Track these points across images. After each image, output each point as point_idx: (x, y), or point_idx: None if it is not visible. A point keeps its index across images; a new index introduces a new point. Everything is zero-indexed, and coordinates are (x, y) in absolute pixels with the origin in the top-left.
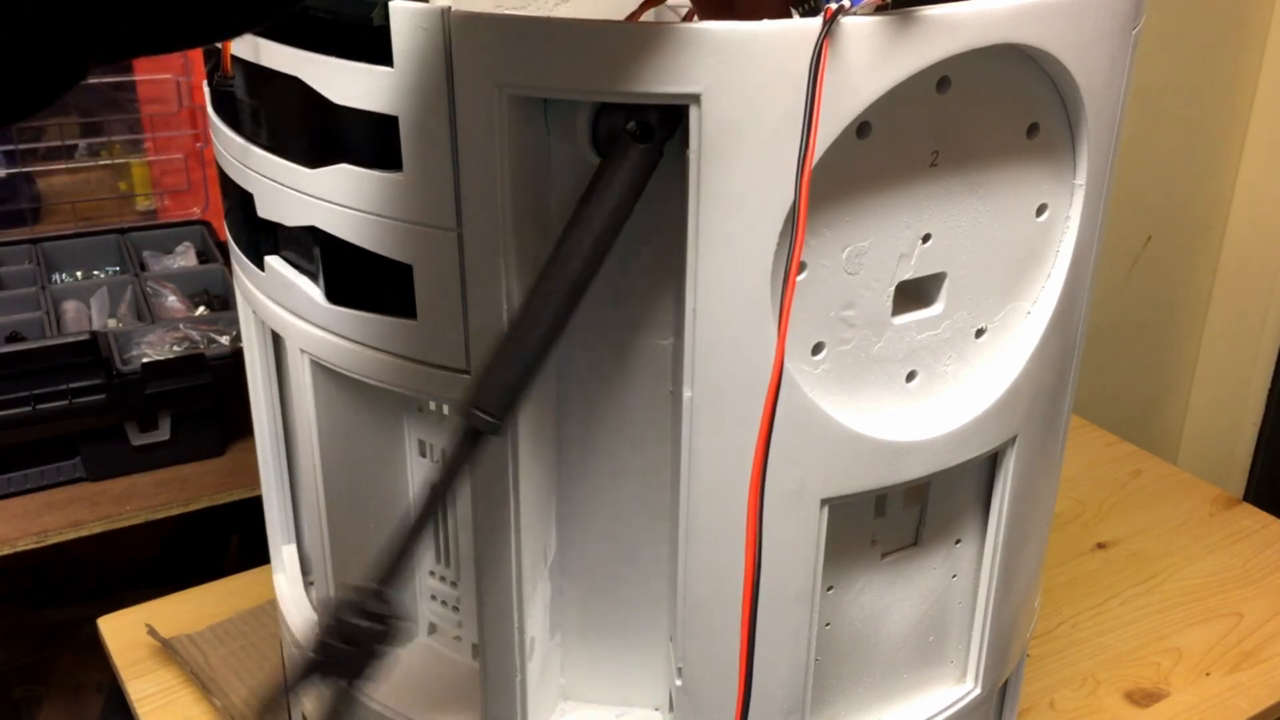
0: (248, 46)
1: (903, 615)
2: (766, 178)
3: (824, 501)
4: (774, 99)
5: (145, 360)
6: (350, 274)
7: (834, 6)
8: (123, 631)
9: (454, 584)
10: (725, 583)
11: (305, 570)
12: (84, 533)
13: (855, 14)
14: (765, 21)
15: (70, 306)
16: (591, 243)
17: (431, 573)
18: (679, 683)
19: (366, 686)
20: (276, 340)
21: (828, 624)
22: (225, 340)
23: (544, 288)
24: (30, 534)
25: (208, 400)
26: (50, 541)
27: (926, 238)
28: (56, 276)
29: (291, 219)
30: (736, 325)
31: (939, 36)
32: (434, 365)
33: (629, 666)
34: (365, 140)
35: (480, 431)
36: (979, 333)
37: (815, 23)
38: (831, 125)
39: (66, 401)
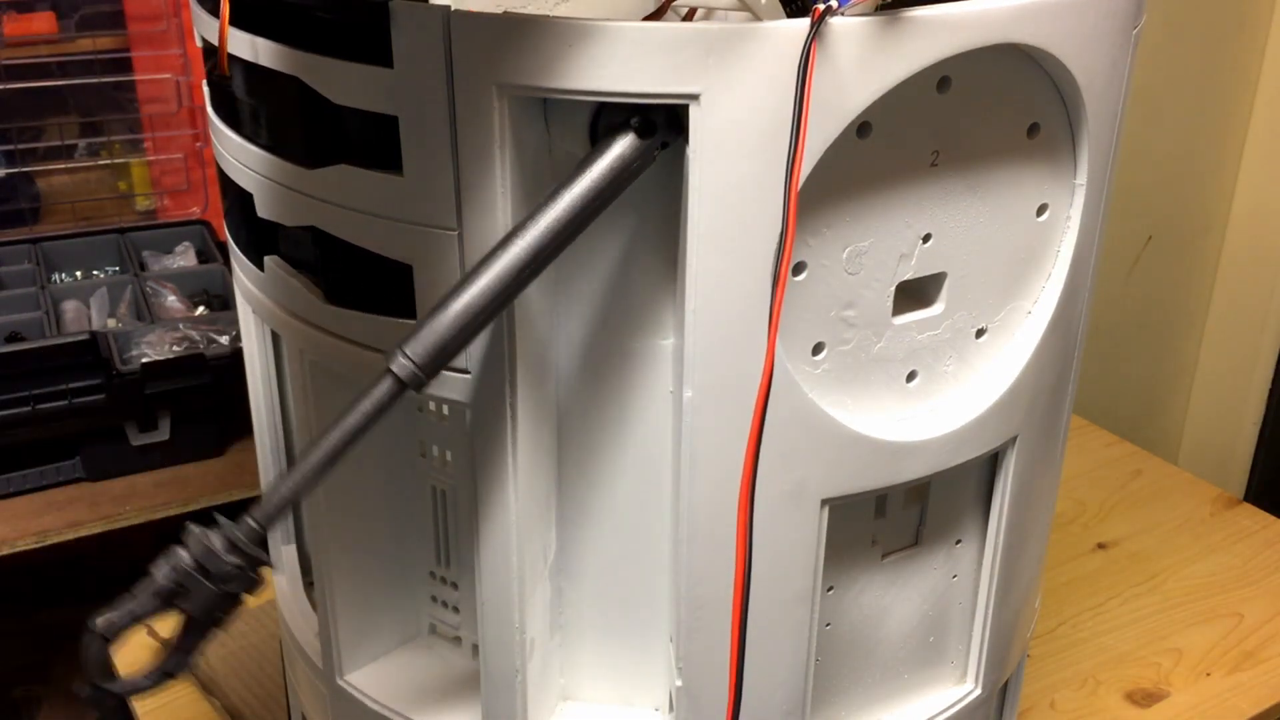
0: (248, 46)
1: (903, 615)
2: (765, 177)
3: (824, 502)
4: (773, 98)
5: (145, 360)
6: (350, 274)
7: (821, 7)
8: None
9: (454, 584)
10: (725, 583)
11: (305, 570)
12: (84, 533)
13: (843, 14)
14: (765, 21)
15: (70, 306)
16: (558, 218)
17: (431, 573)
18: (679, 683)
19: (210, 627)
20: (276, 340)
21: (828, 624)
22: (225, 340)
23: (500, 252)
24: (30, 534)
25: (207, 400)
26: (50, 542)
27: (927, 238)
28: (56, 276)
29: (291, 219)
30: (736, 325)
31: (938, 36)
32: None
33: (629, 666)
34: (365, 140)
35: (405, 384)
36: (979, 333)
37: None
38: (831, 125)
39: (66, 401)
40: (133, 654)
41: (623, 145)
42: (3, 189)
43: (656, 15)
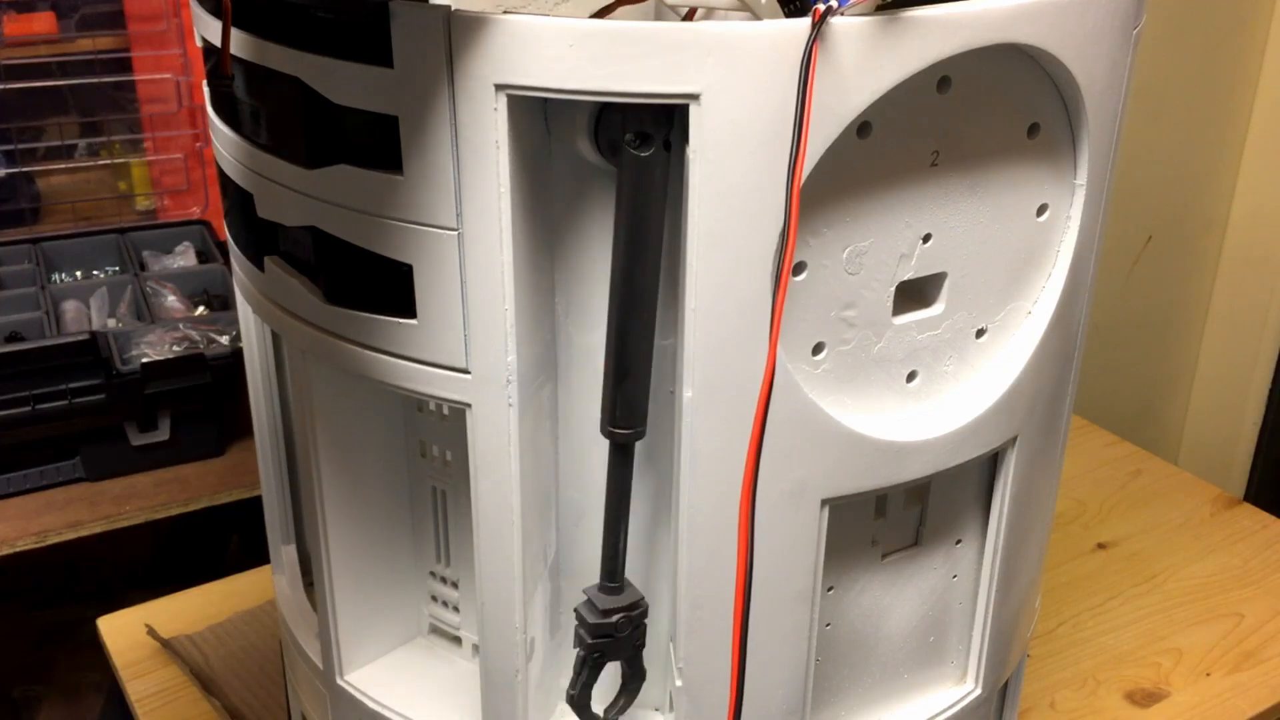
0: (248, 46)
1: (903, 615)
2: (765, 177)
3: (824, 502)
4: (772, 98)
5: (145, 360)
6: (350, 274)
7: (822, 8)
8: (122, 631)
9: (454, 584)
10: (725, 583)
11: (305, 570)
12: (84, 533)
13: (844, 14)
14: (765, 20)
15: (70, 306)
16: (644, 256)
17: (431, 573)
18: (679, 683)
19: (642, 660)
20: (276, 340)
21: (828, 624)
22: (225, 340)
23: (624, 307)
24: (30, 534)
25: (207, 400)
26: (50, 541)
27: (927, 238)
28: (56, 276)
29: (291, 219)
30: (736, 325)
31: (939, 36)
32: (434, 365)
33: None
34: (365, 140)
35: (626, 445)
36: (979, 333)
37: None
38: (831, 125)
39: (66, 401)
40: (132, 651)
41: (634, 167)
42: (3, 189)
43: (605, 12)
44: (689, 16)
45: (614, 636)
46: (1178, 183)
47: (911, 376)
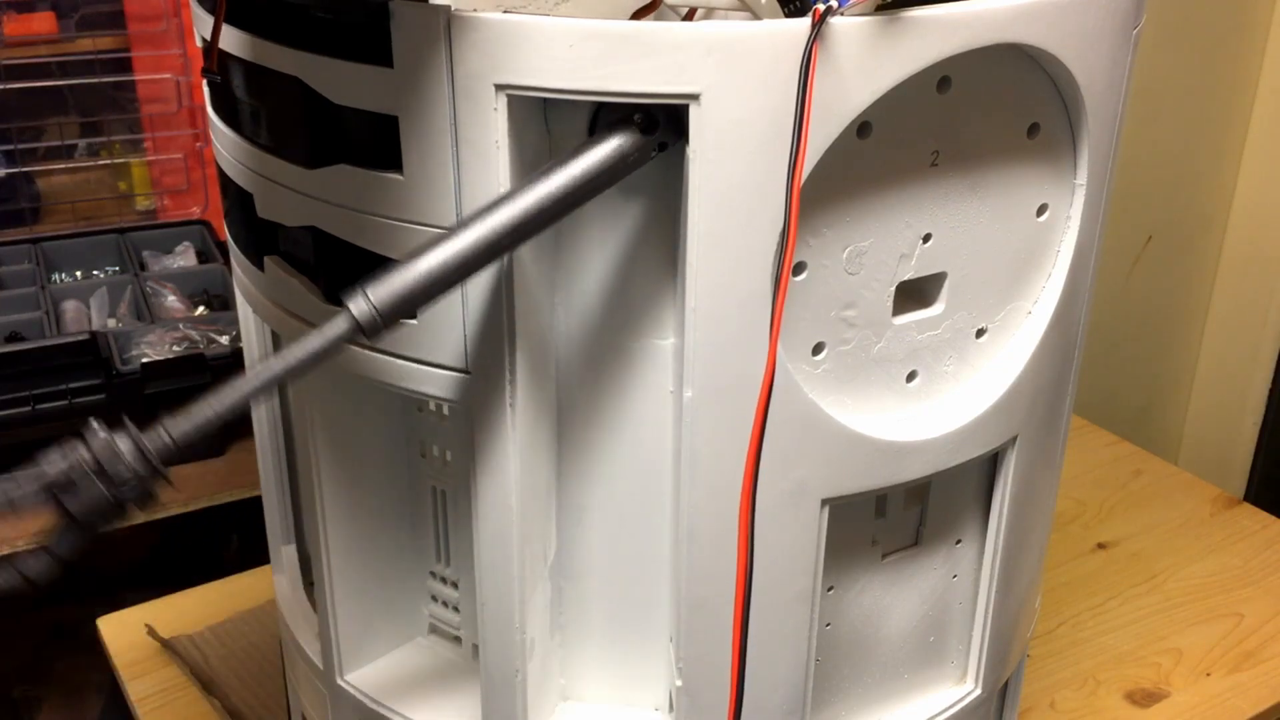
0: (248, 46)
1: (903, 615)
2: (765, 177)
3: (824, 502)
4: (772, 98)
5: (145, 360)
6: (350, 274)
7: (822, 8)
8: (123, 632)
9: (454, 584)
10: (725, 583)
11: (305, 570)
12: None
13: (844, 14)
14: (765, 21)
15: (70, 306)
16: (546, 194)
17: (431, 573)
18: (679, 683)
19: (88, 534)
20: (276, 340)
21: (828, 624)
22: (225, 340)
23: (484, 216)
24: (30, 534)
25: None
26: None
27: (927, 238)
28: (56, 276)
29: (291, 219)
30: (736, 325)
31: (939, 36)
32: (434, 365)
33: (629, 666)
34: (365, 140)
35: (361, 329)
36: (980, 333)
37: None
38: (831, 125)
39: (66, 401)
40: (132, 652)
41: (623, 138)
42: (3, 189)
43: (642, 14)
44: (689, 16)
45: (106, 487)
46: (1178, 183)
47: (911, 376)
